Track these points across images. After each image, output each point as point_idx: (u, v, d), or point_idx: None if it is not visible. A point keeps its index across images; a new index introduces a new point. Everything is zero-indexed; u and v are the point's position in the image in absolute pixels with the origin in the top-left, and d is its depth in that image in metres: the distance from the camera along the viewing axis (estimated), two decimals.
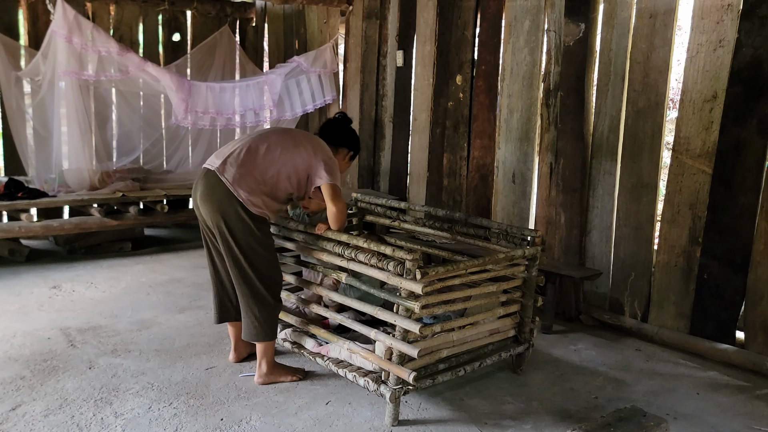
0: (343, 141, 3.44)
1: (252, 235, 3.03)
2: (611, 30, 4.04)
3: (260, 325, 3.10)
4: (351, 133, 3.51)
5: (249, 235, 3.02)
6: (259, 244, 3.05)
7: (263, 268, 3.08)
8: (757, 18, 3.42)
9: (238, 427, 2.78)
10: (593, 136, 4.21)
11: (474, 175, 5.00)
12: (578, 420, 2.93)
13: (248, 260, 3.04)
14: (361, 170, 6.16)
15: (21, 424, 2.73)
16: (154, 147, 6.38)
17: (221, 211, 3.01)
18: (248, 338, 3.15)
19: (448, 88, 5.17)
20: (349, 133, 3.49)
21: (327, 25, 6.39)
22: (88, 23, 5.20)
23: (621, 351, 3.80)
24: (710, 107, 3.62)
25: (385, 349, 2.79)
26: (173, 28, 6.71)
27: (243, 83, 6.06)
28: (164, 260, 5.44)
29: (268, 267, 3.10)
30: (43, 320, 3.94)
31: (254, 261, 3.05)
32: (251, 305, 3.10)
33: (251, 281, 3.07)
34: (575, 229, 4.31)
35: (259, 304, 3.09)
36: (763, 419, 3.02)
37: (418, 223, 3.80)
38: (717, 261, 3.65)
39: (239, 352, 3.42)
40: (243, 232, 3.02)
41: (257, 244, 3.05)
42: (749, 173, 3.50)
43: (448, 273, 2.75)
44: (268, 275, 3.10)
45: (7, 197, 4.99)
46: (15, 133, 5.46)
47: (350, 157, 3.49)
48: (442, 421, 2.90)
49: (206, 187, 3.06)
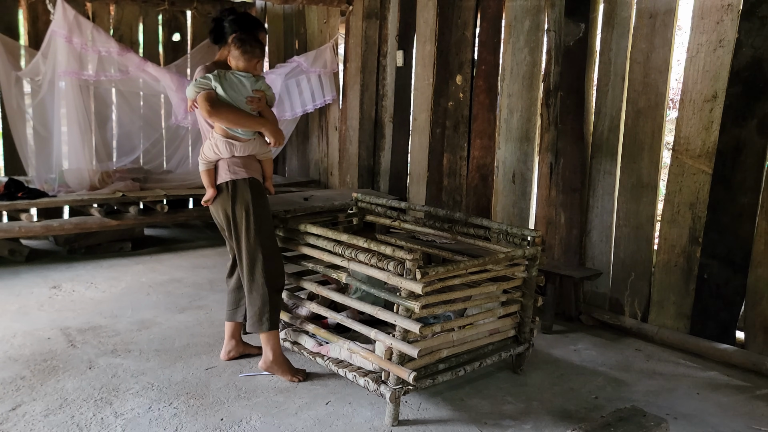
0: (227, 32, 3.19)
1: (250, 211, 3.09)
2: (611, 30, 4.04)
3: (260, 315, 3.12)
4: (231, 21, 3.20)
5: (249, 211, 3.08)
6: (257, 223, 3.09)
7: (264, 252, 3.11)
8: (757, 18, 3.42)
9: (238, 427, 2.78)
10: (593, 136, 4.21)
11: (474, 175, 5.00)
12: (578, 420, 2.93)
13: (248, 242, 3.09)
14: (361, 170, 6.16)
15: (21, 424, 2.73)
16: (154, 147, 6.38)
17: (219, 200, 3.14)
18: (251, 328, 3.17)
19: (448, 88, 5.17)
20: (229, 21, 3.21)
21: (327, 25, 6.39)
22: (88, 23, 5.20)
23: (621, 351, 3.80)
24: (710, 107, 3.62)
25: (385, 349, 2.79)
26: (173, 28, 6.71)
27: None
28: (164, 260, 5.44)
29: (267, 251, 3.13)
30: (43, 320, 3.94)
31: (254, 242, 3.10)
32: (253, 295, 3.13)
33: (253, 266, 3.11)
34: (575, 229, 4.31)
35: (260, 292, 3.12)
36: (763, 419, 3.02)
37: (418, 223, 3.80)
38: (717, 261, 3.65)
39: (228, 350, 3.44)
40: (242, 209, 3.09)
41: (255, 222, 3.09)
42: (749, 173, 3.50)
43: (448, 273, 2.75)
44: (267, 260, 3.12)
45: (7, 197, 4.99)
46: (15, 133, 5.46)
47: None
48: (442, 421, 2.90)
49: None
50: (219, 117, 2.99)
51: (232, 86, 3.05)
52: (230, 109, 3.01)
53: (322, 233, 3.14)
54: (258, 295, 3.12)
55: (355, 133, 6.18)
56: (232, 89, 3.05)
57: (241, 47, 3.04)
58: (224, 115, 2.99)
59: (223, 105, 3.00)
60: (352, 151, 6.25)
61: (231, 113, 3.01)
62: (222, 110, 2.98)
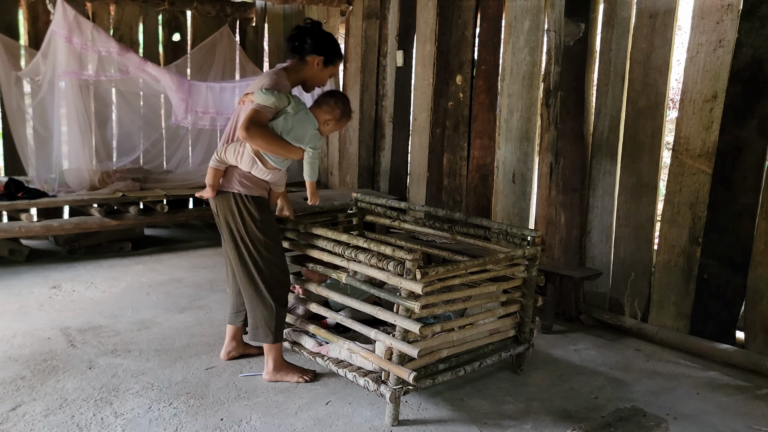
0: (310, 49, 3.05)
1: (253, 228, 3.03)
2: (611, 30, 4.04)
3: (264, 328, 3.11)
4: (318, 38, 3.06)
5: (251, 228, 3.03)
6: (260, 239, 3.04)
7: (267, 266, 3.07)
8: (757, 18, 3.42)
9: (238, 427, 2.78)
10: (593, 136, 4.21)
11: (474, 175, 5.00)
12: (578, 420, 2.93)
13: (252, 257, 3.06)
14: (361, 170, 6.16)
15: (21, 424, 2.73)
16: (154, 147, 6.37)
17: (221, 207, 3.07)
18: (252, 339, 3.17)
19: (448, 88, 5.17)
20: (315, 38, 3.05)
21: (327, 25, 6.38)
22: (88, 23, 5.20)
23: (621, 351, 3.80)
24: (710, 107, 3.62)
25: (385, 349, 2.79)
26: (173, 28, 6.71)
27: (243, 83, 6.05)
28: (164, 260, 5.44)
29: (271, 266, 3.09)
30: (43, 320, 3.94)
31: (257, 258, 3.06)
32: (255, 307, 3.11)
33: (255, 282, 3.08)
34: (575, 229, 4.31)
35: (263, 306, 3.10)
36: (763, 419, 3.02)
37: (418, 223, 3.80)
38: (717, 261, 3.65)
39: (228, 351, 3.43)
40: (243, 224, 3.03)
41: (258, 240, 3.04)
42: (749, 173, 3.50)
43: (448, 273, 2.75)
44: (272, 275, 3.09)
45: (7, 197, 4.98)
46: (15, 133, 5.46)
47: (324, 63, 3.04)
48: (442, 421, 2.90)
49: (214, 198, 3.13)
50: (253, 139, 2.86)
51: (301, 123, 2.97)
52: (270, 136, 2.88)
53: (322, 233, 3.14)
54: (265, 308, 3.09)
55: (355, 133, 6.19)
56: (300, 126, 2.96)
57: (343, 115, 3.07)
58: (260, 140, 2.86)
59: (267, 130, 2.87)
60: (352, 151, 6.26)
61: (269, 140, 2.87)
62: (259, 134, 2.84)
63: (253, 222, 3.03)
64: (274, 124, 2.95)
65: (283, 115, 2.96)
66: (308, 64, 3.09)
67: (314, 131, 3.02)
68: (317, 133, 3.03)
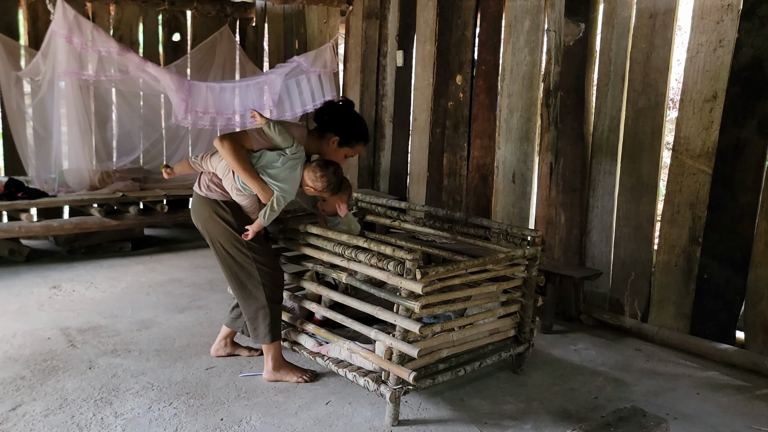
0: (329, 125, 3.15)
1: (231, 232, 3.07)
2: (611, 30, 4.04)
3: (261, 328, 3.11)
4: (340, 117, 3.18)
5: (229, 232, 3.07)
6: (240, 241, 3.07)
7: (252, 267, 3.09)
8: (757, 18, 3.42)
9: (238, 427, 2.78)
10: (593, 136, 4.21)
11: (474, 175, 5.00)
12: (578, 420, 2.93)
13: (235, 261, 3.09)
14: (361, 170, 6.16)
15: (21, 424, 2.73)
16: (154, 147, 6.38)
17: (198, 214, 3.16)
18: (254, 341, 3.19)
19: (448, 88, 5.17)
20: (337, 115, 3.18)
21: (327, 25, 6.39)
22: (88, 23, 5.19)
23: (621, 351, 3.80)
24: (710, 107, 3.62)
25: (385, 349, 2.79)
26: (173, 28, 6.71)
27: (243, 83, 6.06)
28: (164, 260, 5.44)
29: (259, 265, 3.09)
30: (43, 320, 3.94)
31: (241, 261, 3.08)
32: (248, 308, 3.13)
33: (242, 283, 3.11)
34: (575, 229, 4.31)
35: (256, 306, 3.11)
36: (763, 419, 3.02)
37: (418, 223, 3.80)
38: (717, 261, 3.65)
39: (216, 348, 3.47)
40: (224, 235, 3.08)
41: (239, 242, 3.07)
42: (749, 173, 3.50)
43: (448, 273, 2.75)
44: (260, 273, 3.10)
45: (7, 197, 4.98)
46: (15, 133, 5.46)
47: (338, 143, 3.15)
48: (442, 421, 2.90)
49: (192, 202, 3.22)
50: (222, 146, 2.91)
51: (289, 169, 3.00)
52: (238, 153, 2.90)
53: (322, 233, 3.14)
54: (258, 308, 3.11)
55: None
56: (286, 170, 2.99)
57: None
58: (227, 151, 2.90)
59: (242, 157, 2.91)
60: None
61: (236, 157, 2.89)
62: (230, 147, 2.90)
63: (229, 225, 3.07)
64: (264, 153, 3.00)
65: (278, 152, 3.01)
66: (324, 139, 3.16)
67: (293, 185, 3.04)
68: (294, 188, 3.06)
